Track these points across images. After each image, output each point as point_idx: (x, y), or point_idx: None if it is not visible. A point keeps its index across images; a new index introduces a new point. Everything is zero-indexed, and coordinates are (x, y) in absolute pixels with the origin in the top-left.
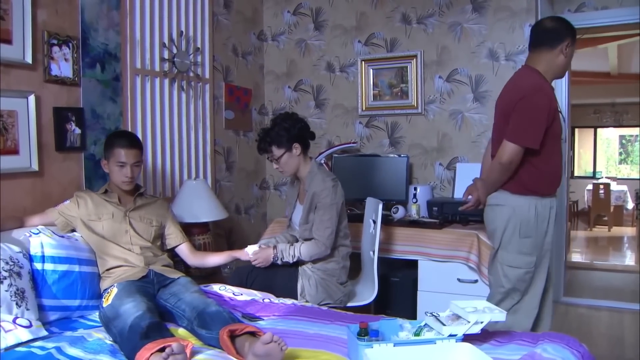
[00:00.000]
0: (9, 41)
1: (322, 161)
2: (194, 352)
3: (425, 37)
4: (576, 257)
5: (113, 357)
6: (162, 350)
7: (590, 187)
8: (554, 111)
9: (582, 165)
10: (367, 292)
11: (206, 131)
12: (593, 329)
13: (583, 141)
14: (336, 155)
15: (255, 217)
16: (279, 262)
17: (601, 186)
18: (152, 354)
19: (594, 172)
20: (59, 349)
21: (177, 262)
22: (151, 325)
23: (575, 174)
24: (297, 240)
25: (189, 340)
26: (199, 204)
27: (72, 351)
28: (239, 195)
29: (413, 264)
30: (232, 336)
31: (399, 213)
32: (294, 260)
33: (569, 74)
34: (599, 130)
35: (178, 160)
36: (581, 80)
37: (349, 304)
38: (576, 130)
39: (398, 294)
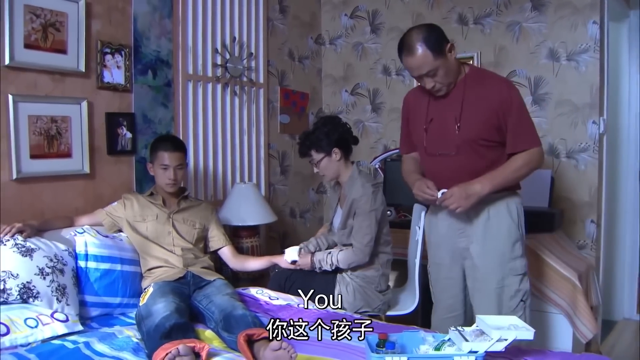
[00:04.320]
0: (64, 51)
1: (377, 166)
2: (211, 355)
3: (482, 38)
4: None
5: (135, 355)
6: None
7: None
8: (407, 114)
9: None
10: (409, 301)
11: (260, 135)
12: None
13: None
14: (389, 160)
15: (312, 221)
16: (318, 270)
17: None
18: (167, 354)
19: None
20: (87, 344)
21: (224, 264)
22: (175, 325)
23: None
24: (336, 244)
25: (205, 343)
26: (247, 207)
27: (99, 347)
28: (294, 199)
29: None
30: (251, 340)
31: None
32: (333, 268)
33: None
34: None
35: (230, 164)
36: None
37: (389, 313)
38: None
39: None
